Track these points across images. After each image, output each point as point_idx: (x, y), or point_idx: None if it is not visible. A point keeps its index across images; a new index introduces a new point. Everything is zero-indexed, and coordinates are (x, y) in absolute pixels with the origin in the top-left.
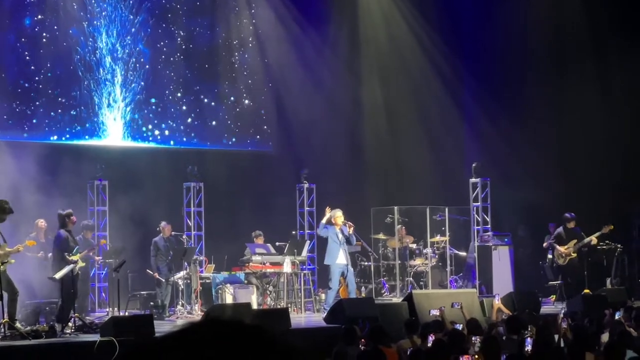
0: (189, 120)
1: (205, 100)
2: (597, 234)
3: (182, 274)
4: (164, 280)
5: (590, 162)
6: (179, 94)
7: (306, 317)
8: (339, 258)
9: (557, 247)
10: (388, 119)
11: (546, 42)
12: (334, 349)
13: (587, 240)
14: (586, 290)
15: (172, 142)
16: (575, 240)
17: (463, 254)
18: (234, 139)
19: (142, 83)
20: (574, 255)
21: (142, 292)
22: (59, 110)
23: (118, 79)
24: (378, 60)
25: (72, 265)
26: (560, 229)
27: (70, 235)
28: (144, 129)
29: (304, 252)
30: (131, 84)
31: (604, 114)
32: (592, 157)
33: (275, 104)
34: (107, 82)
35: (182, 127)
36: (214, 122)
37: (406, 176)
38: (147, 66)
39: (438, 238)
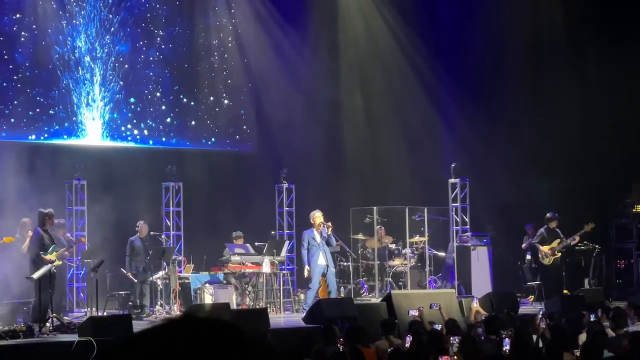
0: (168, 120)
1: (185, 100)
2: (580, 232)
3: (160, 274)
4: (136, 280)
5: (567, 162)
6: (158, 94)
7: (285, 317)
8: (319, 259)
9: (541, 247)
10: (367, 120)
11: (523, 42)
12: (312, 348)
13: (570, 239)
14: (565, 291)
15: (151, 142)
16: (558, 240)
17: (442, 254)
18: (213, 139)
19: (121, 82)
20: (559, 255)
21: (121, 292)
22: (38, 110)
23: (97, 79)
24: (357, 61)
25: (49, 265)
26: (542, 230)
27: (47, 234)
28: (122, 128)
29: (283, 252)
30: (110, 84)
31: (581, 113)
32: (569, 157)
33: (254, 104)
34: (85, 82)
35: (161, 126)
36: (193, 122)
37: (385, 177)
38: (126, 66)
39: (417, 238)
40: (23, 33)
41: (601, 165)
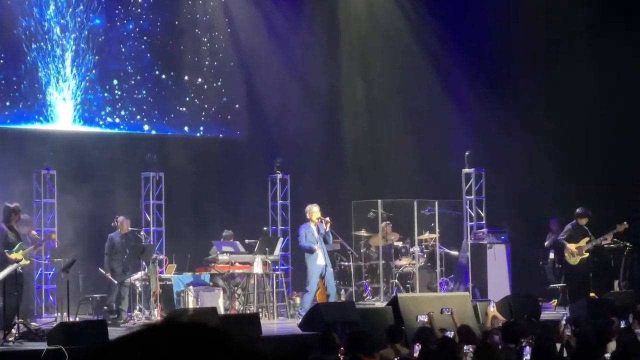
0: (149, 103)
1: (168, 81)
2: (613, 231)
3: (139, 274)
4: (116, 282)
5: (592, 150)
6: (137, 74)
7: (279, 323)
8: (318, 259)
9: (568, 245)
10: (370, 105)
11: (540, 19)
12: (309, 358)
13: (601, 238)
14: (591, 294)
15: (128, 127)
16: (587, 239)
17: (455, 253)
18: (199, 125)
19: (96, 57)
20: (587, 255)
21: (95, 295)
22: (0, 89)
23: (68, 55)
24: (359, 40)
25: (15, 265)
26: (569, 226)
27: (13, 230)
28: (97, 111)
29: (277, 251)
30: (83, 60)
31: (604, 96)
32: (594, 145)
33: (245, 88)
34: (55, 58)
35: (141, 110)
36: (177, 106)
37: (391, 167)
38: (101, 38)
39: (427, 235)
40: None
41: (628, 154)
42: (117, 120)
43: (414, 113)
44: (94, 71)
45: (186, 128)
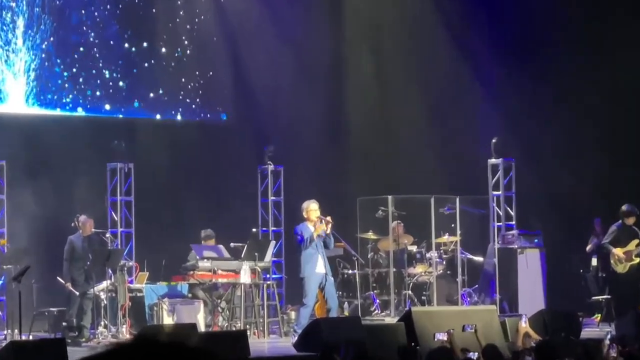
0: (117, 80)
1: (139, 55)
2: None
3: (104, 284)
4: (78, 293)
5: None
6: (103, 48)
7: (270, 342)
8: (317, 266)
9: (614, 250)
10: (379, 83)
11: None
12: None
13: None
14: None
15: (92, 110)
16: (637, 241)
17: (479, 259)
18: (176, 107)
19: (54, 24)
20: (636, 260)
21: (52, 309)
22: None
23: (20, 21)
24: (366, 4)
25: None
26: (615, 227)
27: None
28: (55, 91)
29: (268, 257)
30: (38, 28)
31: None
32: None
33: (231, 63)
34: (4, 25)
35: (106, 89)
36: (150, 84)
37: (404, 156)
38: (59, 1)
39: (446, 238)
40: None
41: None
42: (79, 102)
43: (432, 93)
44: (51, 39)
45: (160, 111)
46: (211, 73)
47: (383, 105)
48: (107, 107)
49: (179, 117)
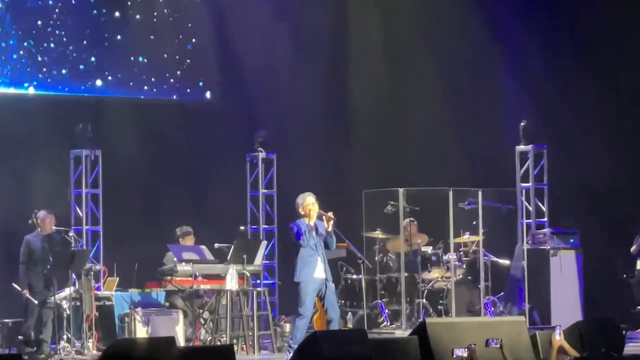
0: (83, 54)
1: (109, 25)
2: None
3: (67, 291)
4: (36, 302)
5: None
6: (66, 14)
7: (261, 359)
8: (316, 270)
9: None
10: (388, 59)
11: None
12: None
13: None
14: None
15: (53, 88)
16: None
17: (505, 262)
18: (151, 85)
19: None
20: None
21: (6, 320)
22: None
23: None
24: None
25: None
26: None
27: None
28: (11, 66)
29: (258, 259)
30: None
31: None
32: None
33: (215, 35)
34: None
35: (71, 64)
36: (121, 58)
37: (417, 142)
38: None
39: (466, 237)
40: None
41: None
42: (39, 79)
43: (450, 68)
44: (5, 14)
45: (133, 90)
46: (193, 40)
47: (392, 84)
48: (71, 84)
49: (155, 96)
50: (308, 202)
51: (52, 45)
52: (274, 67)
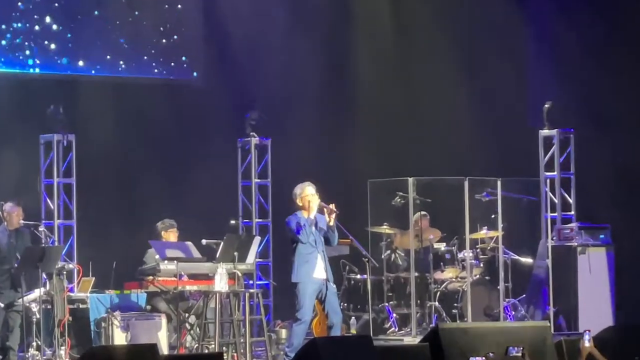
0: (53, 27)
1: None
2: None
3: (37, 293)
4: (2, 305)
5: None
6: None
7: None
8: (315, 270)
9: None
10: (397, 30)
11: None
12: None
13: None
14: None
15: (20, 65)
16: None
17: (527, 260)
18: (131, 61)
19: None
20: None
21: None
22: None
23: None
24: None
25: None
26: None
27: None
28: None
29: (251, 257)
30: None
31: None
32: None
33: (202, 7)
34: None
35: (40, 41)
36: (98, 33)
37: (429, 127)
38: None
39: (484, 233)
40: None
41: None
42: (4, 56)
43: (467, 41)
44: None
45: (110, 68)
46: (179, 6)
47: (402, 59)
48: (43, 61)
49: (135, 75)
50: (307, 193)
51: (20, 19)
52: (267, 39)
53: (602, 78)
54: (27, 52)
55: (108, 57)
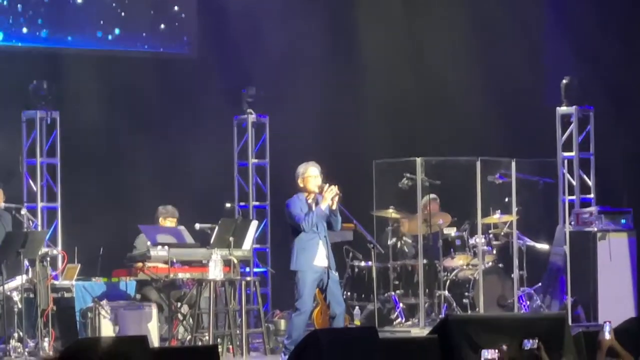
0: None
1: None
2: None
3: (18, 281)
4: None
5: None
6: None
7: None
8: (317, 257)
9: None
10: (406, 6)
11: None
12: None
13: None
14: None
15: (2, 37)
16: None
17: (543, 246)
18: (116, 32)
19: None
20: None
21: None
22: None
23: None
24: None
25: None
26: None
27: None
28: None
29: (248, 243)
30: None
31: None
32: None
33: None
34: None
35: (24, 10)
36: (82, 4)
37: (439, 103)
38: None
39: (497, 217)
40: None
41: None
42: None
43: (480, 12)
44: None
45: (98, 40)
46: None
47: (410, 30)
48: (25, 31)
49: (124, 48)
50: (310, 174)
51: None
52: (265, 9)
53: (623, 53)
54: (9, 23)
55: (95, 29)
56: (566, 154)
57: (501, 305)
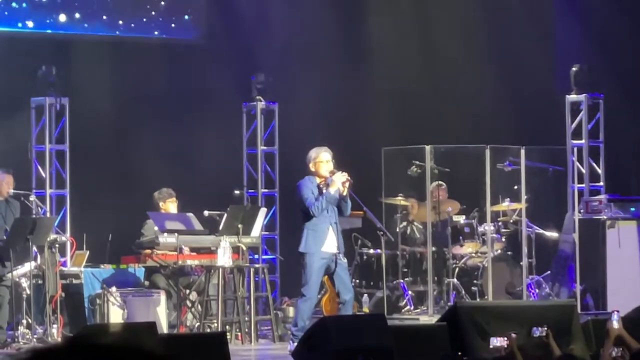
0: None
1: None
2: None
3: (27, 267)
4: None
5: None
6: None
7: (259, 349)
8: (326, 242)
9: None
10: None
11: None
12: None
13: None
14: None
15: (9, 22)
16: None
17: (553, 234)
18: (128, 21)
19: None
20: None
21: None
22: None
23: None
24: None
25: None
26: None
27: None
28: None
29: (256, 230)
30: None
31: None
32: None
33: None
34: None
35: None
36: None
37: (447, 90)
38: None
39: (506, 205)
40: None
41: None
42: None
43: (489, 3)
44: None
45: (106, 26)
46: None
47: (420, 17)
48: (32, 20)
49: (132, 34)
50: (322, 159)
51: None
52: None
53: (633, 41)
54: (18, 9)
55: (104, 15)
56: (576, 141)
57: (510, 293)
